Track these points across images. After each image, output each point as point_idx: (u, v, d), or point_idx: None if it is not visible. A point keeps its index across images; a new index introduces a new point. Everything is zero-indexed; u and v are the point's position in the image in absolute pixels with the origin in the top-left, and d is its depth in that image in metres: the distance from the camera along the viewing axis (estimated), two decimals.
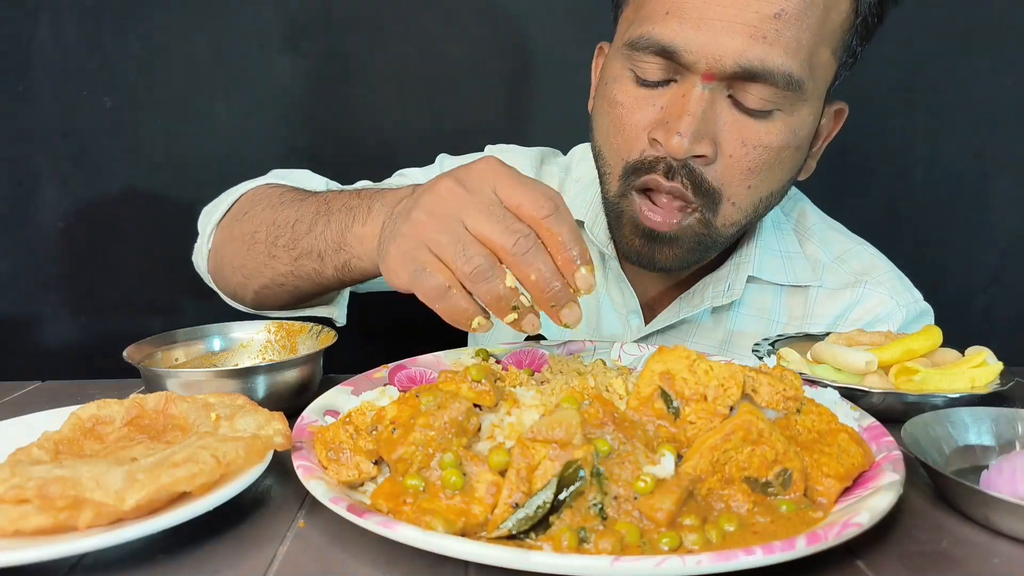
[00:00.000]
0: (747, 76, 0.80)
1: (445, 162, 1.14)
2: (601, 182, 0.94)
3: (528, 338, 1.08)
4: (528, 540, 0.50)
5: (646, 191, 0.88)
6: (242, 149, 1.45)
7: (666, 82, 0.84)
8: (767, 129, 0.84)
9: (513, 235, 0.61)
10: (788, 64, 0.80)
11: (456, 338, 1.02)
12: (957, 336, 0.82)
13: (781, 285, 1.01)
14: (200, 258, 1.03)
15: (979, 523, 0.55)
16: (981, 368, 0.76)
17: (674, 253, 0.90)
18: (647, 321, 1.03)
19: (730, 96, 0.83)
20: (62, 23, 1.39)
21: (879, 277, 1.01)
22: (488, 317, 0.64)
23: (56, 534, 0.49)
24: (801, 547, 0.46)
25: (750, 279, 1.00)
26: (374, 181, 1.11)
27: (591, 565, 0.44)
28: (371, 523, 0.48)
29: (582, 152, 1.13)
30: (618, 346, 0.84)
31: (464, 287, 0.62)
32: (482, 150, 1.15)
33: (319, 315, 1.00)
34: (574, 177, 1.11)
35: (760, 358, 0.81)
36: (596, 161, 0.94)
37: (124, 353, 0.76)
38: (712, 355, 0.70)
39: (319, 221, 0.82)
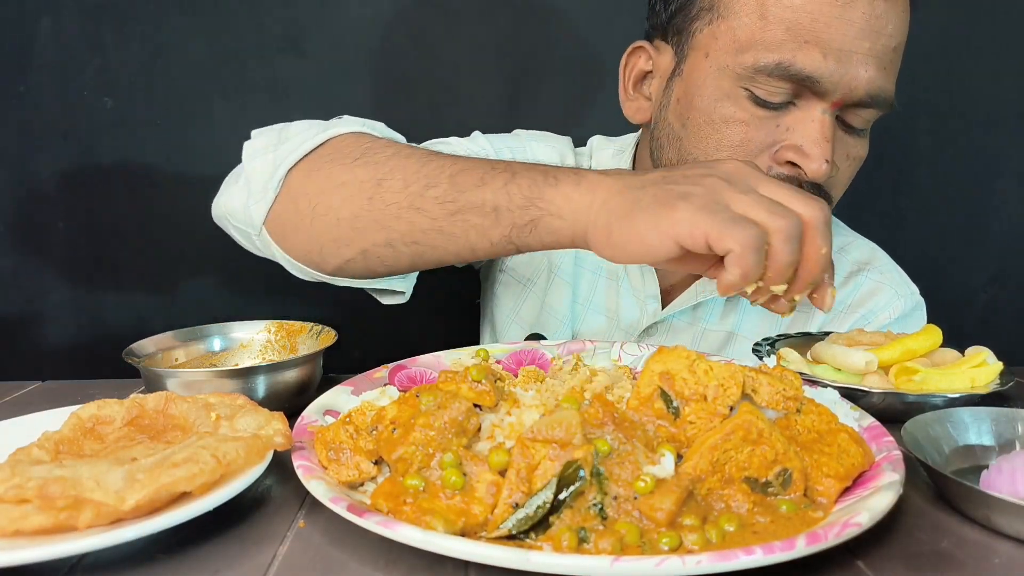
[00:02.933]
0: (866, 103, 0.86)
1: (521, 135, 1.15)
2: None
3: (528, 337, 1.08)
4: (528, 540, 0.50)
5: None
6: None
7: (787, 103, 0.87)
8: (860, 144, 0.92)
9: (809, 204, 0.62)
10: (892, 90, 0.88)
11: (455, 339, 1.02)
12: (957, 336, 0.82)
13: None
14: (255, 207, 0.83)
15: (979, 523, 0.55)
16: (981, 368, 0.76)
17: None
18: (664, 306, 1.05)
19: (837, 116, 0.87)
20: (62, 23, 1.39)
21: (879, 267, 1.06)
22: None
23: (56, 534, 0.48)
24: (801, 547, 0.46)
25: None
26: None
27: (591, 565, 0.44)
28: (371, 523, 0.48)
29: (598, 143, 1.14)
30: (618, 346, 0.84)
31: (771, 243, 0.60)
32: None
33: (393, 287, 0.92)
34: (593, 167, 1.12)
35: (760, 358, 0.81)
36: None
37: (124, 353, 0.76)
38: (712, 355, 0.70)
39: (497, 177, 0.74)
